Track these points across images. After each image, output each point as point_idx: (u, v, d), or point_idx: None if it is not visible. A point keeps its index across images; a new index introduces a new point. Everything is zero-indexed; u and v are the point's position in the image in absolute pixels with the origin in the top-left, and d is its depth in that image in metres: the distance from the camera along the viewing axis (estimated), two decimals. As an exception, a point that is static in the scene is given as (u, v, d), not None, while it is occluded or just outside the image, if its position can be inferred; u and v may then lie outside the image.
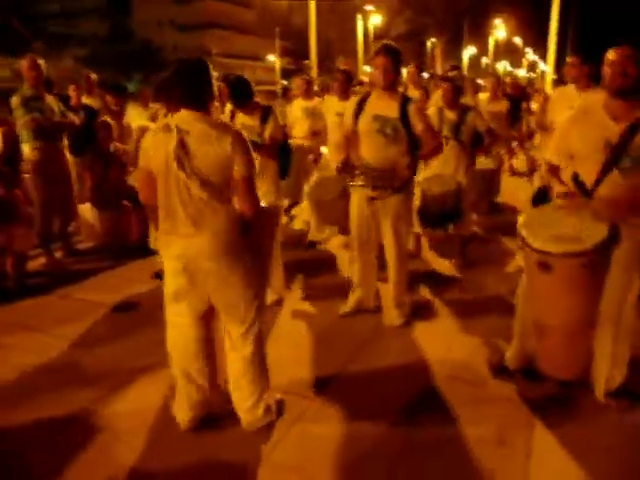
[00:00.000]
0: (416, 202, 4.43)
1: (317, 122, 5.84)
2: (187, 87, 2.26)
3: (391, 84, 3.31)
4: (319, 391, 2.81)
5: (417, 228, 4.59)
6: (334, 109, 5.22)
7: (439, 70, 31.36)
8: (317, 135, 5.83)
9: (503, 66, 54.57)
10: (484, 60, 49.36)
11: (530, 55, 61.21)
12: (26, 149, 4.46)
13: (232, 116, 3.86)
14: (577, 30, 32.06)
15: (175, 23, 47.45)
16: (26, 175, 4.47)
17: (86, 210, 5.16)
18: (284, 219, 5.41)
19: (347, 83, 5.40)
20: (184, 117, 2.27)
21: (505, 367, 2.91)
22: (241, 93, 3.74)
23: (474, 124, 4.50)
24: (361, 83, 8.88)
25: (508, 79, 10.13)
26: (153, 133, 2.35)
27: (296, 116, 6.10)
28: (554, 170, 2.72)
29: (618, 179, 2.40)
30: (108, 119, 5.12)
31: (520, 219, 2.50)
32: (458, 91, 4.60)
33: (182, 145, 2.21)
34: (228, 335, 2.46)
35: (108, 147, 5.09)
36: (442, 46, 34.34)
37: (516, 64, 59.55)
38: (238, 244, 2.33)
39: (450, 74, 5.89)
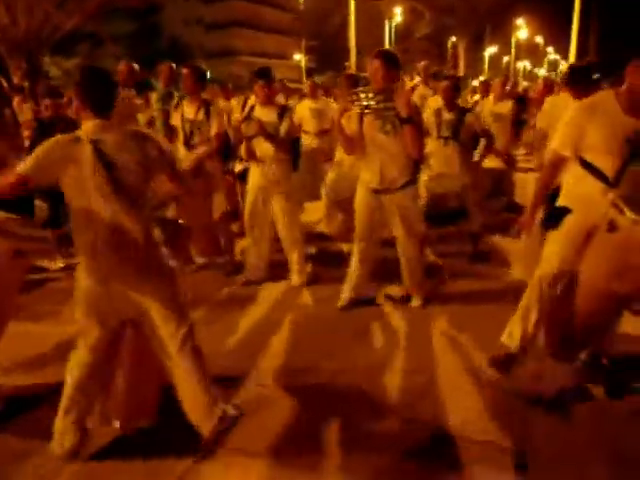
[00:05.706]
0: (421, 201, 4.57)
1: (323, 122, 6.18)
2: (93, 97, 2.18)
3: (385, 84, 3.37)
4: (285, 383, 2.89)
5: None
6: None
7: (462, 69, 31.42)
8: (324, 134, 6.11)
9: (523, 65, 54.14)
10: (505, 59, 49.00)
11: (552, 55, 60.63)
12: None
13: (250, 111, 4.21)
14: (599, 29, 31.77)
15: (202, 22, 48.30)
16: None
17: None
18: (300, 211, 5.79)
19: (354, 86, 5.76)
20: (93, 127, 2.17)
21: (506, 361, 2.96)
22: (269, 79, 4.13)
23: (472, 125, 4.63)
24: None
25: (539, 81, 10.04)
26: (60, 144, 2.15)
27: (303, 115, 6.35)
28: (556, 164, 2.71)
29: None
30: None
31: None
32: (456, 91, 4.74)
33: (101, 156, 2.11)
34: (164, 348, 2.37)
35: None
36: (464, 45, 34.34)
37: (537, 63, 58.99)
38: (158, 253, 2.34)
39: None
